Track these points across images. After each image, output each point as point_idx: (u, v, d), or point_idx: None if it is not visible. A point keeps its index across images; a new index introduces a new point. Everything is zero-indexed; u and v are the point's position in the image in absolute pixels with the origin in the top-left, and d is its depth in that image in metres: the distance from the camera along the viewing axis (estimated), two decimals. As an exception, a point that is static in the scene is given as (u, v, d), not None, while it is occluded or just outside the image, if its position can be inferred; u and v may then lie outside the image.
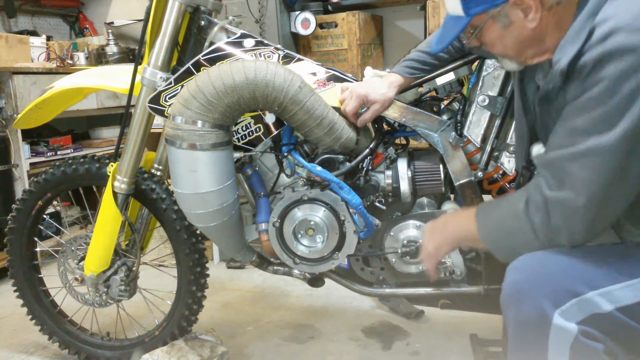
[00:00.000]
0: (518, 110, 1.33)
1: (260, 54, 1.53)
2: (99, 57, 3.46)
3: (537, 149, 1.25)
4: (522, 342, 1.03)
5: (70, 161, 1.77)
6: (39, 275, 1.94)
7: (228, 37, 1.56)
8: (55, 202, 2.20)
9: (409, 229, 1.56)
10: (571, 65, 0.99)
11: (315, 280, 1.71)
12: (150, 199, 1.71)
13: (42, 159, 3.02)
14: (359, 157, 1.52)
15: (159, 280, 2.07)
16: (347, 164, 1.52)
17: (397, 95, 1.53)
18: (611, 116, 0.94)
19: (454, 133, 1.50)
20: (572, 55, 0.99)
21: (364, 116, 1.50)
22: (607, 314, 0.97)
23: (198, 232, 1.73)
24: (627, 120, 0.93)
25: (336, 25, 2.85)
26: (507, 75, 1.49)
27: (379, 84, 1.50)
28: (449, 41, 1.14)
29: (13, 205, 1.87)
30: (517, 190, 1.13)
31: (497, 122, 1.50)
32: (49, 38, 3.45)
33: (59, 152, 3.11)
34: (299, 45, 2.94)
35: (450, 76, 1.54)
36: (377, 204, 1.56)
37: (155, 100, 1.53)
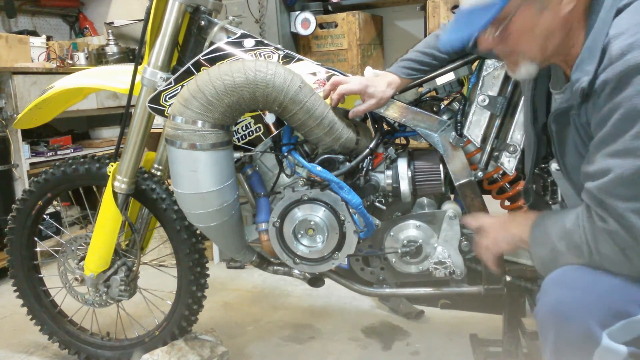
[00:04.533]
0: (526, 118, 1.30)
1: (260, 54, 1.53)
2: (99, 57, 3.46)
3: (555, 166, 1.22)
4: None
5: (70, 161, 1.77)
6: (39, 275, 1.94)
7: (228, 37, 1.56)
8: (55, 202, 2.19)
9: (409, 229, 1.56)
10: (592, 83, 0.97)
11: (315, 280, 1.71)
12: (151, 199, 1.71)
13: (42, 159, 3.02)
14: (359, 157, 1.52)
15: (159, 280, 2.07)
16: (347, 164, 1.52)
17: (394, 95, 1.52)
18: None
19: (454, 133, 1.50)
20: (592, 73, 0.96)
21: (357, 108, 1.50)
22: None
23: (198, 232, 1.73)
24: None
25: (336, 25, 2.84)
26: (507, 75, 1.49)
27: (379, 81, 1.50)
28: (472, 32, 1.05)
29: (13, 205, 1.87)
30: (571, 212, 1.08)
31: (497, 122, 1.50)
32: (49, 38, 3.45)
33: (59, 152, 3.11)
34: (299, 45, 2.94)
35: (450, 76, 1.54)
36: (377, 204, 1.56)
37: (156, 100, 1.53)
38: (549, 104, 1.24)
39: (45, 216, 1.90)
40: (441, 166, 1.55)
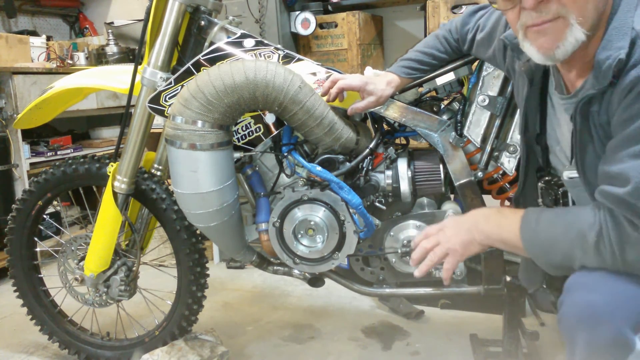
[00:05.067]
0: (521, 127, 1.28)
1: (260, 54, 1.53)
2: (99, 57, 3.46)
3: (568, 173, 1.16)
4: None
5: (70, 161, 1.77)
6: (39, 275, 1.94)
7: (228, 37, 1.56)
8: (55, 202, 2.19)
9: (409, 229, 1.56)
10: (622, 66, 0.92)
11: (315, 280, 1.71)
12: (150, 199, 1.71)
13: (42, 159, 3.02)
14: (359, 157, 1.52)
15: (159, 280, 2.07)
16: (347, 164, 1.52)
17: (394, 95, 1.53)
18: None
19: (454, 133, 1.50)
20: (627, 47, 0.91)
21: (357, 104, 1.49)
22: None
23: (198, 232, 1.73)
24: None
25: (336, 25, 2.84)
26: (507, 76, 1.49)
27: (379, 80, 1.50)
28: None
29: (13, 205, 1.87)
30: (577, 211, 1.04)
31: (497, 122, 1.50)
32: (49, 38, 3.45)
33: (59, 152, 3.11)
34: (299, 45, 2.93)
35: (450, 76, 1.54)
36: (377, 204, 1.56)
37: (155, 100, 1.53)
38: (544, 114, 1.23)
39: (45, 216, 1.90)
40: (441, 166, 1.55)
